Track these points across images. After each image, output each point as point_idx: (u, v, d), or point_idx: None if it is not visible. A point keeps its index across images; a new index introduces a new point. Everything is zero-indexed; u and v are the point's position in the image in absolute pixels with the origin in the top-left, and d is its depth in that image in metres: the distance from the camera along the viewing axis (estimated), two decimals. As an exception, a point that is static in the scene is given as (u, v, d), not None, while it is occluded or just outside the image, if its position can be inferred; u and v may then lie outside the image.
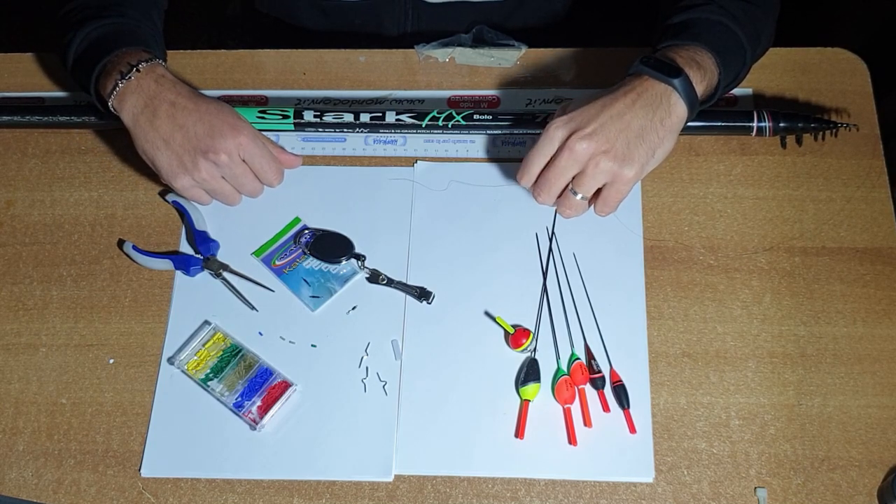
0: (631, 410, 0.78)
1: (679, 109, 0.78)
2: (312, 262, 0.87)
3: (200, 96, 0.85)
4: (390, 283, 0.85)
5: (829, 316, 0.83)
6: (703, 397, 0.80)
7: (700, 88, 0.80)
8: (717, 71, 0.81)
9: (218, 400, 0.81)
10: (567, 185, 0.80)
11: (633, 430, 0.78)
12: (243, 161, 0.85)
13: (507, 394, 0.80)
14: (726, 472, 0.77)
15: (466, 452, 0.78)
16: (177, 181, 0.84)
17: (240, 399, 0.80)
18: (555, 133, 0.79)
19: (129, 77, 0.83)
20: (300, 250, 0.87)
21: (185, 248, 0.89)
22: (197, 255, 0.87)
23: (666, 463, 0.77)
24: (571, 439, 0.78)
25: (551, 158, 0.80)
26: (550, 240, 0.87)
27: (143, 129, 0.83)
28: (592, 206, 0.82)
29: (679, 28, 0.84)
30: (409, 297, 0.85)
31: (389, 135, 0.93)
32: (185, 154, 0.83)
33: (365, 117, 0.91)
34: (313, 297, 0.85)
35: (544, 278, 0.85)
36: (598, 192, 0.80)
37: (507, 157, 0.91)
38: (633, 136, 0.77)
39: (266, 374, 0.81)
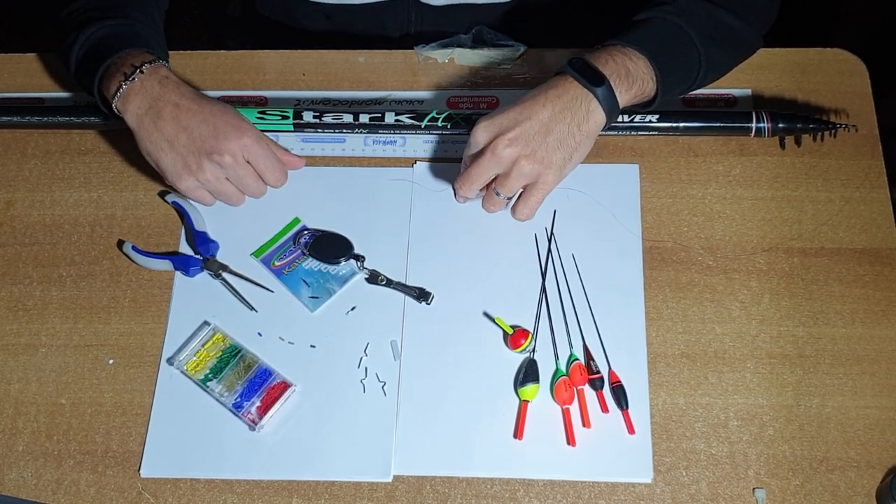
0: (629, 411, 0.78)
1: (597, 116, 0.80)
2: (312, 263, 0.87)
3: (204, 98, 0.85)
4: (389, 283, 0.85)
5: (827, 317, 0.83)
6: (702, 398, 0.80)
7: (625, 97, 0.81)
8: (653, 78, 0.82)
9: (217, 400, 0.81)
10: (491, 184, 0.83)
11: (631, 430, 0.78)
12: (247, 162, 0.85)
13: (506, 394, 0.80)
14: (725, 473, 0.77)
15: (465, 453, 0.78)
16: (181, 182, 0.84)
17: (239, 399, 0.80)
18: (480, 136, 0.81)
19: (133, 79, 0.83)
20: (299, 251, 0.87)
21: (185, 248, 0.89)
22: (196, 256, 0.87)
23: (664, 463, 0.77)
24: (570, 440, 0.78)
25: (475, 157, 0.82)
26: (549, 241, 0.87)
27: (147, 131, 0.83)
28: (512, 206, 0.86)
29: (632, 26, 0.85)
30: (408, 297, 0.85)
31: (389, 135, 0.93)
32: (189, 155, 0.83)
33: (364, 118, 0.91)
34: (312, 297, 0.85)
35: (543, 279, 0.85)
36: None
37: (507, 158, 0.91)
38: (553, 140, 0.79)
39: (265, 374, 0.81)
